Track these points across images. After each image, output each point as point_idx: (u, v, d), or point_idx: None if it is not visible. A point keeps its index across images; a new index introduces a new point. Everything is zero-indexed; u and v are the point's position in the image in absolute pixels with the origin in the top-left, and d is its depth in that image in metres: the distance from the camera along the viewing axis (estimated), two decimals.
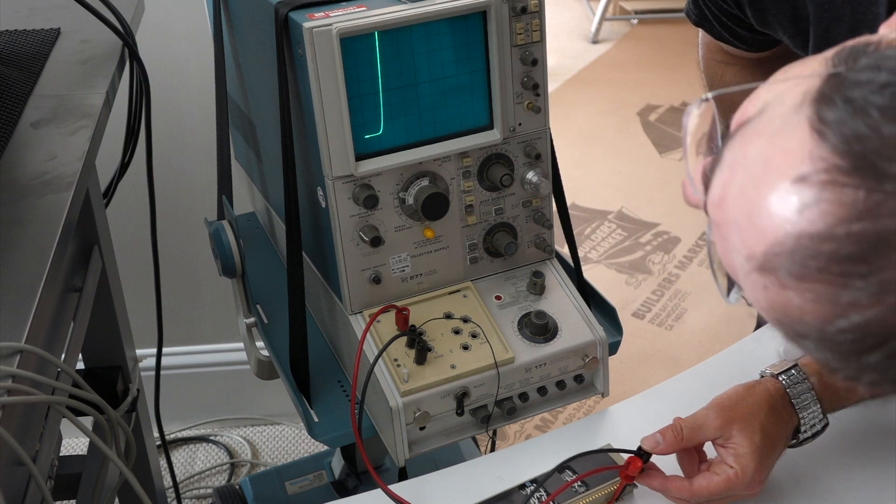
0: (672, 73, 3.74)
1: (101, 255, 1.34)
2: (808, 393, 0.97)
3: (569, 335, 1.09)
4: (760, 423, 0.94)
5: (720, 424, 0.95)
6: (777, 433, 0.96)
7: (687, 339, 2.49)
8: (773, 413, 0.96)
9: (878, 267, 0.52)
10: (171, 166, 1.90)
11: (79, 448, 2.03)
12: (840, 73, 0.56)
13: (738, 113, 0.63)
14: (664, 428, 0.97)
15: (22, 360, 0.85)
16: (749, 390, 0.98)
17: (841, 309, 0.54)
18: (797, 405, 0.97)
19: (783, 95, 0.60)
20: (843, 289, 0.53)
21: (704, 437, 0.97)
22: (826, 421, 0.98)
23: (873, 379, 0.58)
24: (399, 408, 1.02)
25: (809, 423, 0.97)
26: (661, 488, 0.97)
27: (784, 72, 0.63)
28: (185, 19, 1.80)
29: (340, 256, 1.06)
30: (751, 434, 0.94)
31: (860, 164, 0.52)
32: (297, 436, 2.20)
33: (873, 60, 0.55)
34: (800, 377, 0.98)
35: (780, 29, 1.05)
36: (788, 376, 0.98)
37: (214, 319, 2.13)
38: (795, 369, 0.99)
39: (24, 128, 1.14)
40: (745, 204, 0.58)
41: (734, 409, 0.96)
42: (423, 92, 1.03)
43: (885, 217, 0.51)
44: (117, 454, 1.12)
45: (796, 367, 0.99)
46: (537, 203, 1.13)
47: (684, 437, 0.96)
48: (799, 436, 0.98)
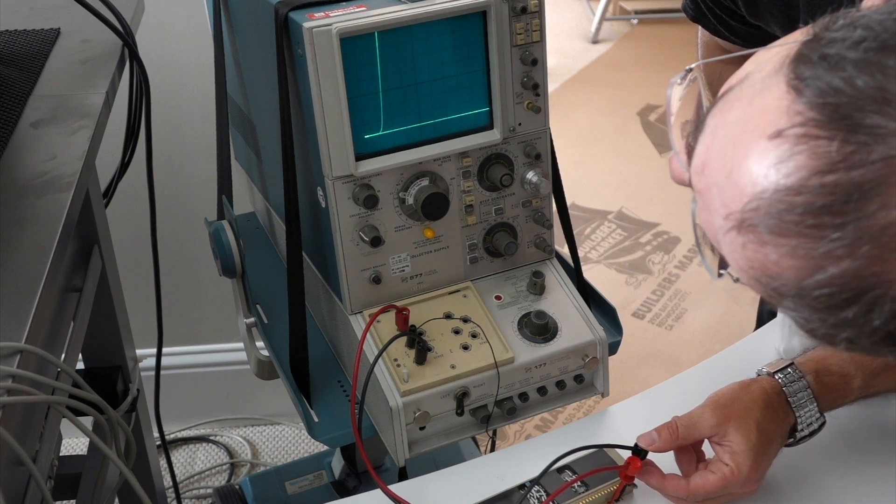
0: (672, 73, 3.69)
1: (101, 255, 1.34)
2: (804, 391, 0.97)
3: (569, 335, 1.09)
4: (756, 421, 0.94)
5: (716, 422, 0.95)
6: (773, 431, 0.96)
7: (687, 339, 2.49)
8: (769, 411, 0.96)
9: (853, 218, 0.52)
10: (171, 166, 1.90)
11: (79, 448, 2.03)
12: (817, 33, 0.57)
13: (724, 85, 0.64)
14: (660, 426, 0.97)
15: (22, 360, 0.85)
16: (745, 388, 0.97)
17: (817, 262, 0.54)
18: (793, 403, 0.97)
19: (764, 62, 0.61)
20: (818, 241, 0.54)
21: (700, 434, 0.96)
22: (823, 419, 0.98)
23: (850, 335, 0.58)
24: (399, 408, 1.02)
25: (806, 421, 0.97)
26: (658, 486, 0.97)
27: (768, 46, 0.64)
28: (185, 19, 1.80)
29: (340, 256, 1.06)
30: (747, 432, 0.94)
31: (834, 116, 0.53)
32: (297, 436, 2.20)
33: (849, 20, 0.56)
34: (796, 375, 0.98)
35: (772, 19, 1.05)
36: (784, 374, 0.98)
37: (214, 319, 2.13)
38: (792, 367, 0.98)
39: (24, 128, 1.14)
40: (725, 164, 0.58)
41: (730, 406, 0.96)
42: (423, 92, 1.03)
43: (857, 167, 0.52)
44: (117, 454, 1.12)
45: (792, 365, 0.99)
46: (537, 203, 1.13)
47: (680, 435, 0.96)
48: (796, 434, 0.98)
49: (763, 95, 0.57)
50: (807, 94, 0.54)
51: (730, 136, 0.59)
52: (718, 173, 0.59)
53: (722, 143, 0.59)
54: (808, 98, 0.54)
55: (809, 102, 0.54)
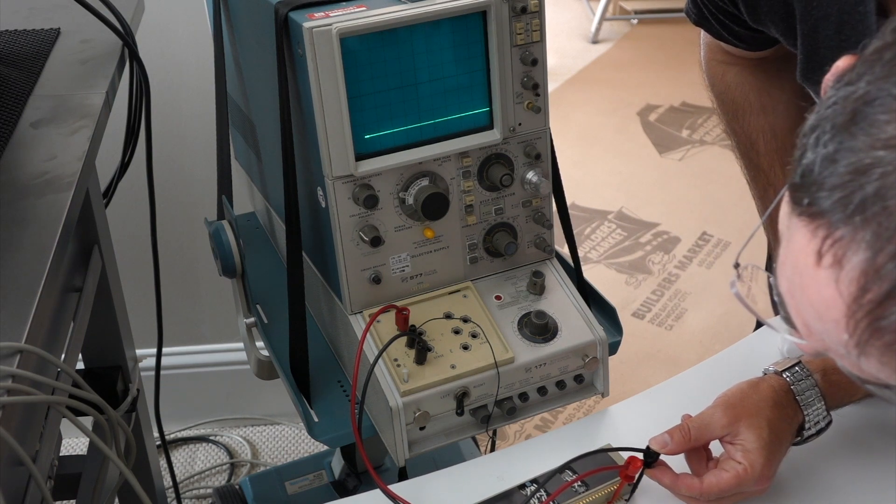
0: (672, 73, 3.74)
1: (101, 255, 1.34)
2: (812, 389, 0.97)
3: (569, 335, 1.09)
4: (767, 419, 0.95)
5: (727, 422, 0.95)
6: (783, 429, 0.96)
7: (687, 339, 2.49)
8: (778, 409, 0.96)
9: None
10: (171, 166, 1.90)
11: (79, 448, 2.03)
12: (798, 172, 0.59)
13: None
14: (672, 428, 0.97)
15: (22, 360, 0.85)
16: (754, 387, 0.98)
17: None
18: (801, 402, 0.97)
19: (782, 217, 0.63)
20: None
21: (712, 435, 0.97)
22: (830, 418, 0.99)
23: None
24: (399, 408, 1.02)
25: (814, 419, 0.98)
26: (671, 486, 0.97)
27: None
28: (185, 19, 1.80)
29: (340, 256, 1.06)
30: (758, 430, 0.94)
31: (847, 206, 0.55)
32: (297, 436, 2.20)
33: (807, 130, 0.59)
34: (803, 374, 0.98)
35: (773, 26, 1.06)
36: (792, 373, 0.98)
37: (214, 319, 2.13)
38: (799, 366, 0.99)
39: (24, 128, 1.14)
40: (812, 312, 0.59)
41: (740, 406, 0.96)
42: (423, 92, 1.03)
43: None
44: (117, 454, 1.12)
45: (800, 364, 0.99)
46: (537, 203, 1.13)
47: (692, 437, 0.96)
48: (803, 433, 0.98)
49: (792, 240, 0.59)
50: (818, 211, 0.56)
51: (796, 286, 0.60)
52: (814, 320, 0.60)
53: (798, 300, 0.60)
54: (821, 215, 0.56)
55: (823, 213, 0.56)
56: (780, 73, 1.21)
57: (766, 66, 1.22)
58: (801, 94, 1.19)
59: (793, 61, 1.08)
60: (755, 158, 1.24)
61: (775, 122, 1.22)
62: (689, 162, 3.24)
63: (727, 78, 1.25)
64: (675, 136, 3.40)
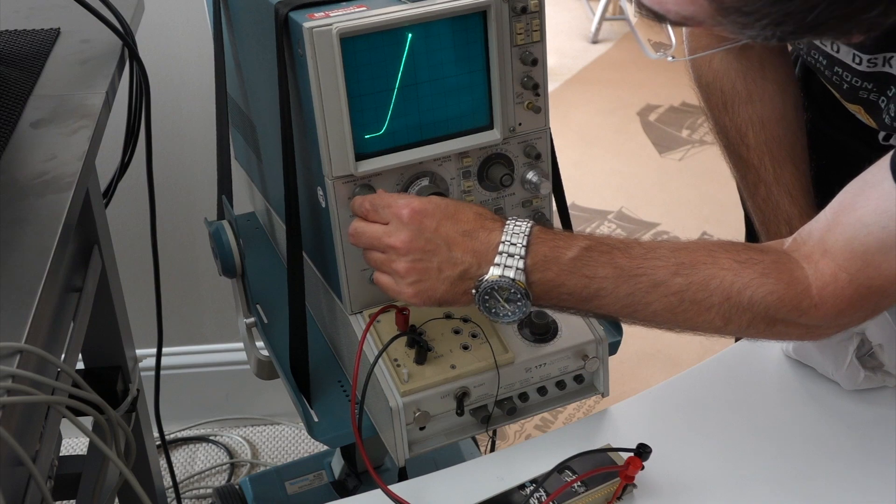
0: (672, 73, 3.73)
1: (101, 255, 1.34)
2: (521, 248, 0.93)
3: (569, 335, 1.09)
4: (448, 208, 0.94)
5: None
6: (460, 228, 0.93)
7: (687, 339, 2.47)
8: (477, 220, 0.94)
9: None
10: (171, 166, 1.90)
11: (79, 448, 2.03)
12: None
13: None
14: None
15: (22, 360, 0.85)
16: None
17: None
18: (501, 250, 0.92)
19: None
20: None
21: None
22: (526, 305, 0.93)
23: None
24: (399, 408, 1.02)
25: (498, 273, 0.92)
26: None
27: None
28: (185, 19, 1.80)
29: (340, 256, 1.06)
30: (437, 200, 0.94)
31: None
32: (297, 436, 2.20)
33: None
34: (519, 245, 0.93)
35: None
36: (510, 236, 0.93)
37: (214, 319, 2.13)
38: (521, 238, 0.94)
39: (24, 128, 1.14)
40: None
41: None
42: (423, 92, 1.03)
43: None
44: (117, 454, 1.12)
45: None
46: (537, 203, 1.13)
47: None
48: (479, 283, 0.93)
49: None
50: None
51: None
52: None
53: None
54: None
55: None
56: (762, 61, 1.22)
57: (750, 53, 1.23)
58: (785, 82, 1.20)
59: (776, 50, 1.07)
60: (745, 154, 1.24)
61: (762, 111, 1.23)
62: (689, 162, 3.24)
63: (714, 64, 1.26)
64: (675, 136, 3.40)
